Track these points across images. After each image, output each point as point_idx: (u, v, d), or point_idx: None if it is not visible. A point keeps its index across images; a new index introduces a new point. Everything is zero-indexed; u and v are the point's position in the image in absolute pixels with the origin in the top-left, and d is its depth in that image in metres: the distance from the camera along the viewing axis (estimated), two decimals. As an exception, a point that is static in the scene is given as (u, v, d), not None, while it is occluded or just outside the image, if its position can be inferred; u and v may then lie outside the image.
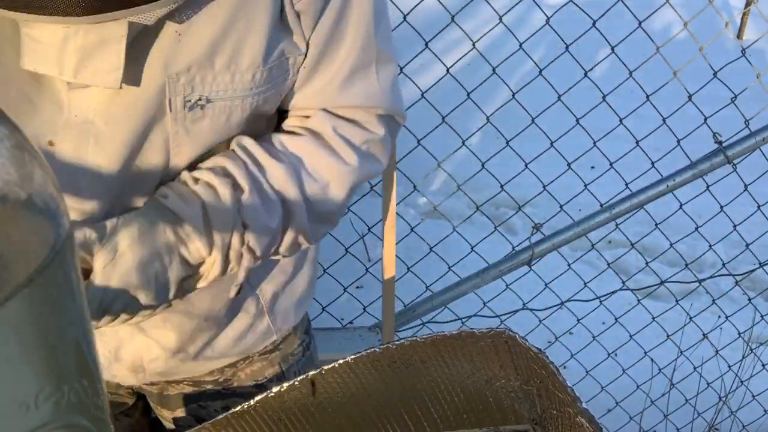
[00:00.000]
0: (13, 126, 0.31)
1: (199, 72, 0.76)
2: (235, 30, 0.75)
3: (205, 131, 0.80)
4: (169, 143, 0.80)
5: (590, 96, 1.92)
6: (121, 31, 0.69)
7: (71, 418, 0.33)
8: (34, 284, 0.29)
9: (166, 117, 0.77)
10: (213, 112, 0.79)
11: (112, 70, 0.70)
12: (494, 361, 0.82)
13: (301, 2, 0.78)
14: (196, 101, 0.77)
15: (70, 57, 0.69)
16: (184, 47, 0.74)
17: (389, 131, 0.93)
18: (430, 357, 0.82)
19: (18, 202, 0.29)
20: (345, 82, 0.86)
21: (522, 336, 0.80)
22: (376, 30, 0.85)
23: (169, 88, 0.75)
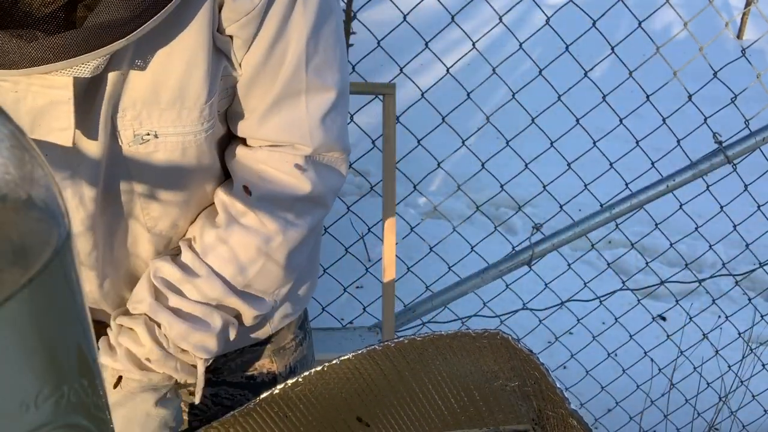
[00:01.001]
0: (13, 126, 0.31)
1: (146, 108, 0.76)
2: (175, 68, 0.75)
3: (161, 165, 0.81)
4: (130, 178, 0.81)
5: (590, 96, 1.92)
6: (67, 93, 0.71)
7: (71, 418, 0.33)
8: (34, 284, 0.29)
9: (119, 151, 0.79)
10: (165, 147, 0.79)
11: (63, 129, 0.73)
12: (493, 361, 0.82)
13: (232, 26, 0.76)
14: (146, 134, 0.78)
15: (23, 117, 0.72)
16: (130, 85, 0.75)
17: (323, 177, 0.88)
18: (430, 355, 0.82)
19: (18, 202, 0.29)
20: (268, 112, 0.83)
21: (515, 337, 0.80)
22: (311, 57, 0.81)
23: (118, 122, 0.77)
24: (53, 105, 0.72)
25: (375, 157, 1.74)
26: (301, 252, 0.92)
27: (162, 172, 0.82)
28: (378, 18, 2.62)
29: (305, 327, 1.15)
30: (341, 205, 2.03)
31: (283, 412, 0.83)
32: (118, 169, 0.81)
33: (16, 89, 0.71)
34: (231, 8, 0.74)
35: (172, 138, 0.79)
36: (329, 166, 0.90)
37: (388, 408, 0.85)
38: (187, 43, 0.74)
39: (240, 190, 0.86)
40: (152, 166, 0.81)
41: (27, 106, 0.72)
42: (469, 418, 0.86)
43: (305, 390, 0.83)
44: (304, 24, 0.79)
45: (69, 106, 0.71)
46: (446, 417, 0.86)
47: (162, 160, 0.80)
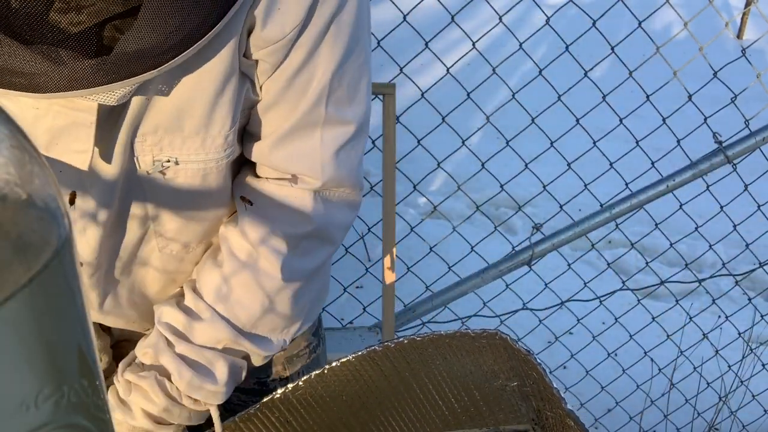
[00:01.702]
0: (14, 126, 0.31)
1: (167, 135, 0.74)
2: (201, 98, 0.73)
3: (180, 190, 0.79)
4: (145, 201, 0.80)
5: (590, 96, 1.92)
6: (90, 117, 0.69)
7: (71, 418, 0.33)
8: (34, 284, 0.29)
9: (137, 175, 0.77)
10: (185, 174, 0.78)
11: (81, 152, 0.71)
12: (492, 360, 0.82)
13: (260, 52, 0.74)
14: (166, 161, 0.76)
15: (40, 135, 0.70)
16: (152, 111, 0.73)
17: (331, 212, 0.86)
18: (430, 355, 0.82)
19: (18, 202, 0.29)
20: (281, 139, 0.81)
21: (513, 337, 0.80)
22: (333, 91, 0.79)
23: (136, 147, 0.75)
24: (74, 126, 0.70)
25: (375, 157, 1.74)
26: (309, 290, 0.90)
27: (179, 196, 0.80)
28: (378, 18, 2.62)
29: (319, 333, 1.13)
30: (341, 205, 2.03)
31: (284, 417, 0.83)
32: (134, 192, 0.79)
33: (38, 106, 0.68)
34: (260, 36, 0.72)
35: (193, 165, 0.77)
36: (338, 202, 0.87)
37: (388, 409, 0.85)
38: (215, 72, 0.72)
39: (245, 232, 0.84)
40: (170, 190, 0.79)
41: (47, 125, 0.69)
42: (470, 418, 0.86)
43: (306, 394, 0.83)
44: (331, 57, 0.77)
45: (90, 129, 0.70)
46: (447, 417, 0.86)
47: (181, 185, 0.79)
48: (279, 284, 0.85)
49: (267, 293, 0.85)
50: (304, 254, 0.86)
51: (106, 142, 0.74)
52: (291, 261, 0.85)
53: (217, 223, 0.88)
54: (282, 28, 0.72)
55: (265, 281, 0.84)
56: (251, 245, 0.83)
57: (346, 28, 0.76)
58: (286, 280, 0.85)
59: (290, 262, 0.85)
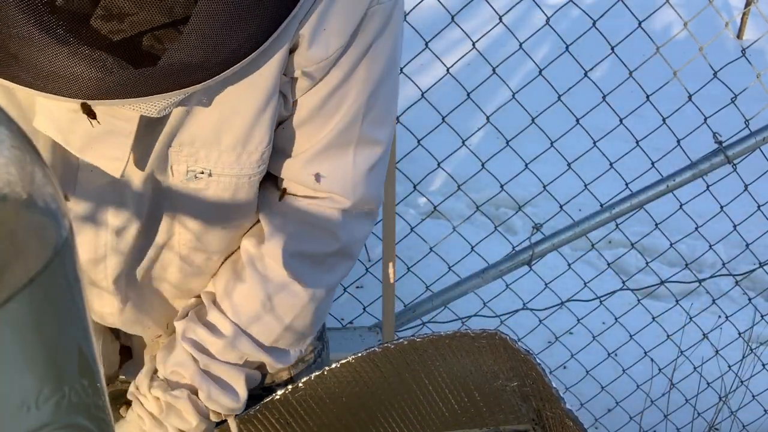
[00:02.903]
0: (14, 126, 0.31)
1: (204, 147, 0.74)
2: (243, 114, 0.73)
3: (209, 201, 0.79)
4: (173, 209, 0.79)
5: (590, 96, 1.92)
6: (129, 127, 0.68)
7: (72, 418, 0.33)
8: (34, 284, 0.29)
9: (169, 183, 0.77)
10: (217, 186, 0.77)
11: (115, 159, 0.70)
12: (492, 361, 0.82)
13: (300, 71, 0.74)
14: (200, 172, 0.75)
15: (76, 137, 0.69)
16: (191, 122, 0.72)
17: (355, 229, 0.86)
18: (430, 356, 0.82)
19: (18, 202, 0.29)
20: (314, 157, 0.80)
21: (512, 338, 0.80)
22: (368, 111, 0.79)
23: (171, 155, 0.74)
24: (111, 134, 0.69)
25: (375, 157, 1.74)
26: (327, 304, 0.90)
27: (207, 208, 0.79)
28: (378, 18, 2.61)
29: (323, 338, 1.13)
30: (341, 205, 2.03)
31: (284, 418, 0.83)
32: (162, 201, 0.78)
33: (77, 109, 0.67)
34: (304, 56, 0.72)
35: (226, 178, 0.76)
36: (361, 218, 0.87)
37: (388, 409, 0.85)
38: (259, 88, 0.71)
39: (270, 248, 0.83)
40: (199, 201, 0.78)
41: (84, 128, 0.68)
42: (470, 419, 0.86)
43: (306, 395, 0.83)
44: (368, 77, 0.77)
45: (128, 139, 0.69)
46: (446, 417, 0.86)
47: (210, 197, 0.78)
48: (303, 301, 0.85)
49: (291, 310, 0.85)
50: (328, 270, 0.86)
51: (142, 150, 0.73)
52: (316, 278, 0.85)
53: (240, 236, 0.88)
54: (326, 48, 0.72)
55: (290, 299, 0.85)
56: (276, 262, 0.83)
57: (385, 51, 0.77)
58: (310, 298, 0.85)
59: (315, 279, 0.85)
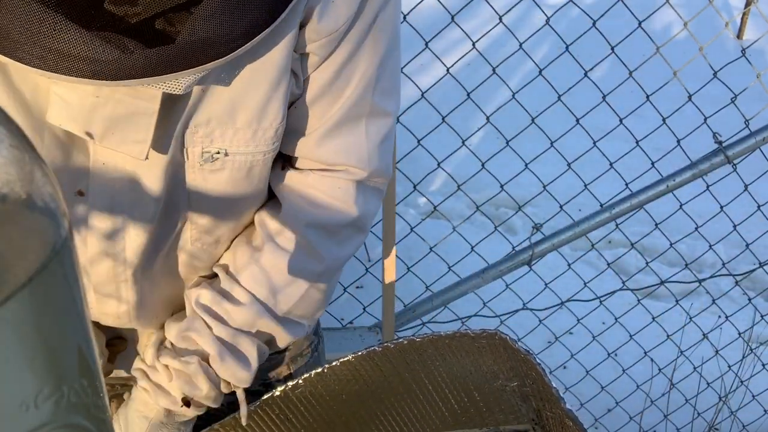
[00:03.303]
0: (13, 126, 0.31)
1: (219, 126, 0.74)
2: (257, 90, 0.73)
3: (224, 183, 0.79)
4: (188, 194, 0.79)
5: (590, 96, 1.92)
6: (153, 106, 0.68)
7: (71, 418, 0.33)
8: (34, 284, 0.29)
9: (185, 166, 0.77)
10: (232, 165, 0.77)
11: (139, 142, 0.70)
12: (492, 361, 0.82)
13: (313, 45, 0.75)
14: (215, 153, 0.76)
15: (97, 123, 0.68)
16: (206, 102, 0.73)
17: (368, 201, 0.87)
18: (430, 356, 0.83)
19: (18, 202, 0.29)
20: (328, 133, 0.81)
21: (512, 338, 0.80)
22: (378, 82, 0.80)
23: (186, 138, 0.74)
24: (134, 116, 0.69)
25: (375, 157, 1.74)
26: (336, 280, 0.91)
27: (222, 190, 0.80)
28: (378, 18, 2.61)
29: (319, 332, 1.14)
30: (341, 205, 2.03)
31: (284, 414, 0.83)
32: (177, 185, 0.78)
33: (98, 94, 0.67)
34: (315, 29, 0.73)
35: (241, 157, 0.77)
36: (374, 191, 0.88)
37: (388, 408, 0.86)
38: (273, 64, 0.72)
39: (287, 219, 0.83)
40: (214, 183, 0.79)
41: (106, 113, 0.68)
42: (470, 418, 0.86)
43: (305, 392, 0.83)
44: (376, 48, 0.78)
45: (151, 119, 0.69)
46: (446, 417, 0.86)
47: (225, 178, 0.78)
48: (319, 272, 0.86)
49: (307, 280, 0.85)
50: (343, 242, 0.87)
51: (161, 133, 0.73)
52: (332, 249, 0.86)
53: (247, 222, 0.88)
54: (336, 20, 0.73)
55: (306, 269, 0.85)
56: (293, 233, 0.84)
57: (391, 20, 0.78)
58: (326, 268, 0.87)
59: (331, 250, 0.86)
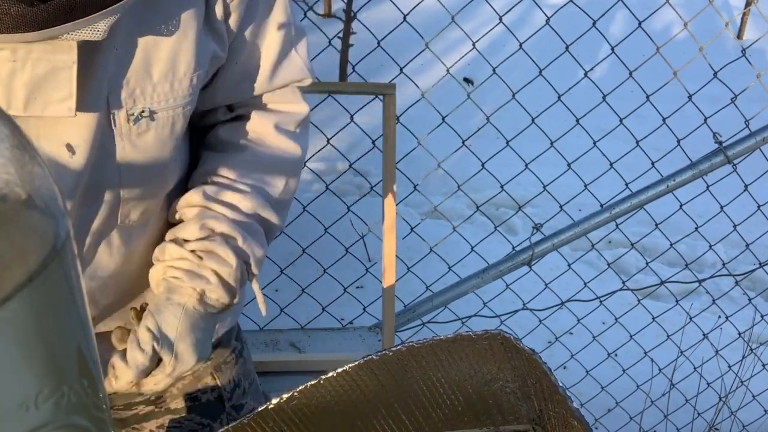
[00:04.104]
0: (13, 126, 0.31)
1: (138, 84, 0.76)
2: (165, 41, 0.76)
3: (151, 144, 0.81)
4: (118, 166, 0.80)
5: (590, 96, 1.92)
6: (71, 57, 0.69)
7: (71, 418, 0.33)
8: (33, 284, 0.29)
9: (113, 132, 0.78)
10: (157, 124, 0.80)
11: (64, 99, 0.71)
12: (492, 362, 0.82)
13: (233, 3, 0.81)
14: (140, 113, 0.78)
15: (17, 92, 0.69)
16: (121, 61, 0.74)
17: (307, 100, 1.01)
18: (428, 361, 0.82)
19: (18, 202, 0.29)
20: (276, 65, 0.91)
21: (516, 337, 0.80)
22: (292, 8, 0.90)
23: (110, 102, 0.75)
24: (54, 72, 0.69)
25: (375, 157, 1.74)
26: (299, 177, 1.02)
27: (150, 154, 0.82)
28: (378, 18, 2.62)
29: (241, 338, 1.14)
30: (341, 205, 2.03)
31: (278, 426, 0.83)
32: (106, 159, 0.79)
33: (14, 58, 0.67)
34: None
35: (164, 113, 0.80)
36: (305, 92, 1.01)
37: (384, 417, 0.85)
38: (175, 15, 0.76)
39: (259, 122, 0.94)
40: (143, 148, 0.81)
41: (25, 77, 0.68)
42: (469, 420, 0.86)
43: (300, 404, 0.82)
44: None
45: (72, 72, 0.69)
46: (445, 421, 0.86)
47: (152, 139, 0.81)
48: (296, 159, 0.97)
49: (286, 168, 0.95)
50: (302, 136, 0.99)
51: (83, 93, 0.73)
52: (297, 139, 0.97)
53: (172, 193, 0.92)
54: None
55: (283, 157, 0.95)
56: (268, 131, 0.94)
57: None
58: (300, 157, 0.98)
59: (297, 139, 0.97)
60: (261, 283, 0.97)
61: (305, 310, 2.22)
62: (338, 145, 1.88)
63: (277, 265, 1.86)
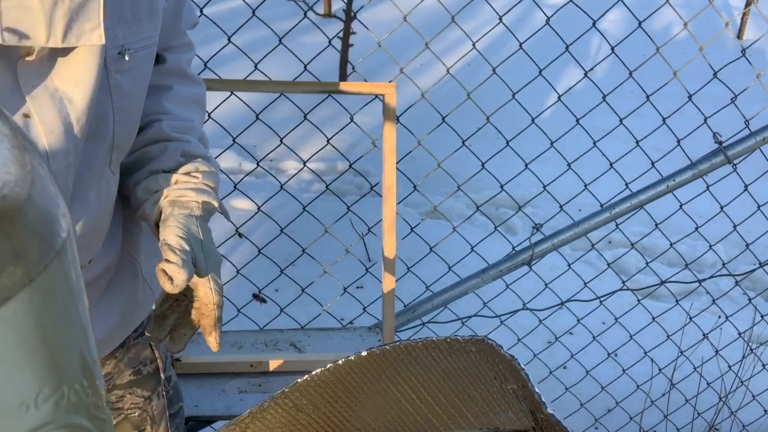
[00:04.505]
0: (13, 126, 0.31)
1: (121, 25, 0.83)
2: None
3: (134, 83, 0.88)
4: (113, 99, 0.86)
5: (590, 96, 1.92)
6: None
7: (71, 418, 0.33)
8: (33, 284, 0.29)
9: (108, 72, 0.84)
10: (137, 61, 0.87)
11: (94, 28, 0.76)
12: (487, 365, 0.83)
13: None
14: (127, 51, 0.85)
15: (58, 22, 0.73)
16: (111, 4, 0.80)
17: None
18: (426, 363, 0.83)
19: (18, 202, 0.29)
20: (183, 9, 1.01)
21: (497, 344, 0.81)
22: None
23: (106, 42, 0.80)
24: (87, 3, 0.74)
25: (375, 157, 1.74)
26: None
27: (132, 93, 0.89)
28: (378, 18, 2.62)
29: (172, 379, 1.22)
30: (341, 205, 2.03)
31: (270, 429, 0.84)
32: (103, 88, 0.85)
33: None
34: None
35: (143, 51, 0.88)
36: None
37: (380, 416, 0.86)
38: None
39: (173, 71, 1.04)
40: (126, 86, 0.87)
41: (65, 7, 0.73)
42: (469, 420, 0.86)
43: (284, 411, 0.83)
44: None
45: (100, 1, 0.75)
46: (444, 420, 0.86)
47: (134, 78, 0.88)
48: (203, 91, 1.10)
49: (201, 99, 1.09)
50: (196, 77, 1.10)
51: None
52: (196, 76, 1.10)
53: None
54: None
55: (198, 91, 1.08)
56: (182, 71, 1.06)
57: None
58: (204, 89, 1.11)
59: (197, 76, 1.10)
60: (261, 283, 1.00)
61: (305, 310, 2.22)
62: (338, 145, 1.88)
63: (277, 265, 1.86)
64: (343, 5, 3.99)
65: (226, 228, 1.99)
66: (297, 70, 1.75)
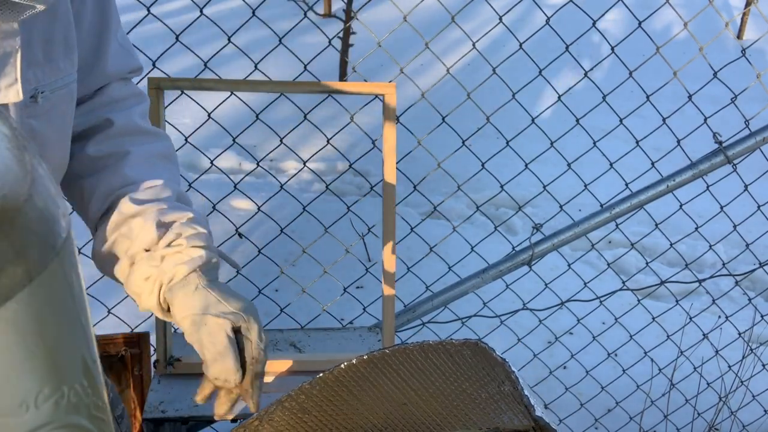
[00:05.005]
0: (13, 126, 0.31)
1: (33, 69, 0.79)
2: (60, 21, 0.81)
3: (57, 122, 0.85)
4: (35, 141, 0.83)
5: (590, 96, 1.92)
6: (15, 43, 0.72)
7: (71, 418, 0.33)
8: (33, 284, 0.29)
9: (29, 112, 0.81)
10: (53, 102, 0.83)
11: (10, 85, 0.73)
12: (483, 367, 0.83)
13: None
14: (40, 94, 0.81)
15: None
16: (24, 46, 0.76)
17: None
18: (424, 365, 0.83)
19: (18, 202, 0.29)
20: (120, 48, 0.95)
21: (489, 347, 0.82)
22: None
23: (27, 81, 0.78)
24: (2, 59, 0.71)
25: (375, 157, 1.74)
26: None
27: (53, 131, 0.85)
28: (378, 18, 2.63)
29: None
30: (341, 205, 2.03)
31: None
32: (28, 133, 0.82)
33: None
34: None
35: (60, 91, 0.84)
36: None
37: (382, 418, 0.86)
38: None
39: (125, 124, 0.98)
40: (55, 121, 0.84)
41: None
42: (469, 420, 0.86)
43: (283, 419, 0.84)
44: None
45: (17, 57, 0.72)
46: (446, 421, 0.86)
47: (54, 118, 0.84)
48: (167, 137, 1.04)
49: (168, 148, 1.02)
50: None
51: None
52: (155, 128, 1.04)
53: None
54: None
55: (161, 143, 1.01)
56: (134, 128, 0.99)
57: None
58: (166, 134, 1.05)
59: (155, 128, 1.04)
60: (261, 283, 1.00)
61: (305, 310, 2.22)
62: (338, 145, 1.88)
63: (277, 265, 1.86)
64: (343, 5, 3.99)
65: (226, 228, 1.99)
66: (297, 70, 1.75)
